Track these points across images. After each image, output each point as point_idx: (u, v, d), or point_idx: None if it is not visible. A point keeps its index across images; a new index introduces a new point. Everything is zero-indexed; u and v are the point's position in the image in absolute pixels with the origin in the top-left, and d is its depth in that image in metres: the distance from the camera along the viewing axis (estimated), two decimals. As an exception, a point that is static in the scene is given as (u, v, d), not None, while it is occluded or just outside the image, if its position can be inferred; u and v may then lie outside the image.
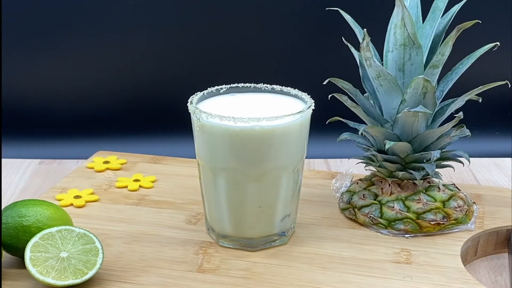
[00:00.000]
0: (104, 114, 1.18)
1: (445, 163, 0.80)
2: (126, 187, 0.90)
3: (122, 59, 1.16)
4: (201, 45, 1.15)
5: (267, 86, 0.77)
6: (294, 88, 0.77)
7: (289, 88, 0.77)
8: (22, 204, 0.71)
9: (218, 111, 0.70)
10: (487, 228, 0.79)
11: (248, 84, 0.78)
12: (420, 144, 0.78)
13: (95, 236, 0.69)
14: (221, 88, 0.77)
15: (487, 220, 0.81)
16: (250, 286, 0.68)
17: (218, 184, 0.73)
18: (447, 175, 0.98)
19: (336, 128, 0.88)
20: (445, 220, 0.77)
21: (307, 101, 0.74)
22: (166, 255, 0.73)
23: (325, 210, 0.84)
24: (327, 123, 0.82)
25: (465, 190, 0.86)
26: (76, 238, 0.68)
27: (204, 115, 0.70)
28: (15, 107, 1.16)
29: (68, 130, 1.17)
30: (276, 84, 0.78)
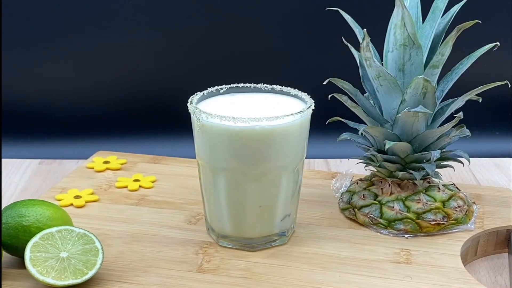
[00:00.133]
0: (104, 114, 1.18)
1: (445, 163, 0.80)
2: (126, 187, 0.90)
3: (122, 59, 1.16)
4: (201, 45, 1.15)
5: (267, 86, 0.77)
6: (294, 88, 0.77)
7: (289, 88, 0.77)
8: (22, 204, 0.71)
9: (218, 111, 0.70)
10: (487, 228, 0.79)
11: (248, 84, 0.78)
12: (420, 144, 0.78)
13: (95, 236, 0.69)
14: (221, 88, 0.77)
15: (487, 220, 0.81)
16: (250, 286, 0.68)
17: (218, 184, 0.73)
18: (447, 175, 0.98)
19: (336, 128, 0.88)
20: (445, 220, 0.77)
21: (307, 101, 0.74)
22: (166, 255, 0.73)
23: (325, 210, 0.84)
24: (327, 123, 0.81)
25: (465, 190, 0.86)
26: (76, 238, 0.68)
27: (204, 115, 0.70)
28: (15, 107, 1.16)
29: (68, 130, 1.17)
30: (276, 84, 0.77)
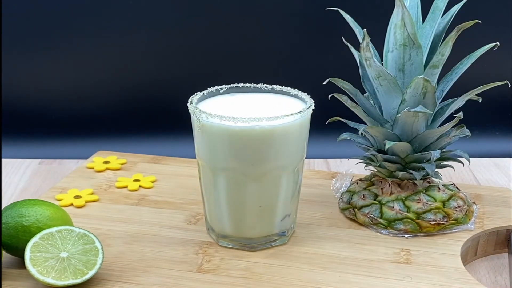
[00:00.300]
0: (104, 114, 1.18)
1: (445, 163, 0.80)
2: (126, 187, 0.90)
3: (122, 59, 1.16)
4: (201, 45, 1.15)
5: (267, 86, 0.77)
6: (294, 88, 0.77)
7: (289, 88, 0.77)
8: (22, 204, 0.71)
9: (218, 111, 0.70)
10: (487, 228, 0.79)
11: (248, 84, 0.78)
12: (420, 144, 0.78)
13: (95, 236, 0.69)
14: (221, 88, 0.77)
15: (487, 220, 0.81)
16: (250, 286, 0.68)
17: (218, 184, 0.73)
18: (447, 175, 0.98)
19: (336, 128, 0.88)
20: (445, 220, 0.77)
21: (307, 101, 0.74)
22: (166, 255, 0.73)
23: (325, 210, 0.84)
24: (327, 123, 0.81)
25: (465, 190, 0.86)
26: (76, 238, 0.68)
27: (204, 115, 0.70)
28: (15, 107, 1.16)
29: (68, 130, 1.17)
30: (276, 84, 0.77)
